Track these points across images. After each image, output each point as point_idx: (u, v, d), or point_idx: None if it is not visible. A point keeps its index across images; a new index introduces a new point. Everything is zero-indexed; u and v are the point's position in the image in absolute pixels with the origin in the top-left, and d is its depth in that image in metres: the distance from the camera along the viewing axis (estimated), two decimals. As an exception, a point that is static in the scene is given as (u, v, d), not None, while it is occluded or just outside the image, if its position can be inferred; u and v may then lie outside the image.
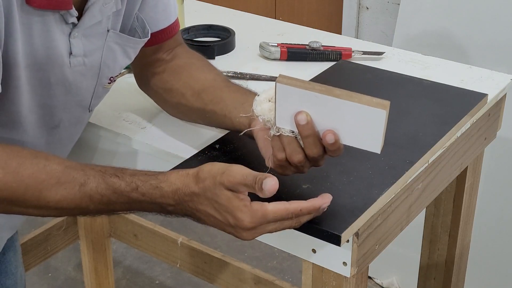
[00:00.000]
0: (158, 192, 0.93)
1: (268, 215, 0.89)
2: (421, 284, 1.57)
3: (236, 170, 0.90)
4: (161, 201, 0.93)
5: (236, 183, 0.89)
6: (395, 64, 1.43)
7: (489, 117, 1.34)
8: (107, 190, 0.93)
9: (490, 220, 2.04)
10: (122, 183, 0.93)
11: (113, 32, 1.07)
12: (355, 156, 1.10)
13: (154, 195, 0.93)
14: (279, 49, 1.44)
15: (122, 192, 0.93)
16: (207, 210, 0.92)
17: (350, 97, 0.88)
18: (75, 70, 1.03)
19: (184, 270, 2.07)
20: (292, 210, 0.91)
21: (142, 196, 0.93)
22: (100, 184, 0.93)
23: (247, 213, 0.89)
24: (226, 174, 0.89)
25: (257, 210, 0.89)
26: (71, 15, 0.98)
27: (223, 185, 0.89)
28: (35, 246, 2.01)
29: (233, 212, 0.89)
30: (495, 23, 1.96)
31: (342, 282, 1.03)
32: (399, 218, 1.11)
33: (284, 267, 2.50)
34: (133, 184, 0.93)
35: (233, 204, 0.90)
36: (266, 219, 0.89)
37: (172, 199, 0.93)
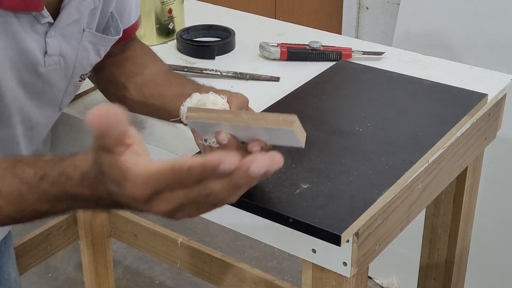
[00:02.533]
0: (64, 179, 0.75)
1: (152, 178, 0.68)
2: (421, 284, 1.57)
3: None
4: (72, 192, 0.75)
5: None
6: (395, 64, 1.43)
7: (489, 117, 1.34)
8: (14, 180, 0.78)
9: (490, 220, 2.04)
10: (30, 171, 0.77)
11: (89, 32, 1.08)
12: (355, 156, 1.10)
13: (61, 184, 0.76)
14: (279, 49, 1.44)
15: (30, 183, 0.77)
16: (106, 194, 0.73)
17: (257, 121, 0.88)
18: (50, 70, 1.03)
19: (184, 270, 2.07)
20: (180, 168, 0.67)
21: (51, 187, 0.76)
22: (7, 175, 0.78)
23: (132, 185, 0.69)
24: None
25: (137, 176, 0.68)
26: (43, 16, 0.98)
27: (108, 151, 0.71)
28: (35, 246, 2.01)
29: (123, 190, 0.70)
30: (495, 23, 1.96)
31: (342, 282, 1.03)
32: (399, 218, 1.11)
33: (284, 267, 2.49)
34: (40, 172, 0.77)
35: (115, 172, 0.70)
36: (156, 184, 0.68)
37: (81, 186, 0.75)
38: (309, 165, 1.08)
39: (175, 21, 1.55)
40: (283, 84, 1.36)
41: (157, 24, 1.53)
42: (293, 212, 0.97)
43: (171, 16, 1.54)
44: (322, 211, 0.98)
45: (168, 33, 1.55)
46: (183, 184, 0.68)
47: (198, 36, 1.55)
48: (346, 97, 1.31)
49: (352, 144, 1.13)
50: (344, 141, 1.14)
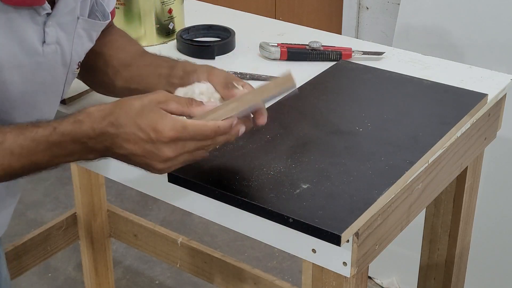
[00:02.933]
0: (78, 126, 0.90)
1: (188, 127, 0.90)
2: (421, 284, 1.57)
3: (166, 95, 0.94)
4: (80, 136, 0.90)
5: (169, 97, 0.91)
6: (395, 64, 1.43)
7: (489, 117, 1.34)
8: (25, 140, 0.90)
9: (490, 220, 2.04)
10: (39, 129, 0.91)
11: (82, 19, 1.09)
12: (355, 156, 1.10)
13: (72, 131, 0.90)
14: (279, 49, 1.44)
15: (40, 138, 0.90)
16: (127, 129, 0.90)
17: (261, 95, 0.98)
18: (49, 58, 1.05)
19: (184, 270, 2.07)
20: (211, 126, 0.91)
21: (61, 137, 0.90)
22: (18, 136, 0.90)
23: (169, 122, 0.89)
24: (156, 94, 0.92)
25: (177, 120, 0.90)
26: (44, 8, 1.00)
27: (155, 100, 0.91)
28: (35, 246, 2.02)
29: (155, 123, 0.89)
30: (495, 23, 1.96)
31: (342, 282, 1.03)
32: (399, 218, 1.11)
33: (284, 267, 2.50)
34: (50, 127, 0.90)
35: (155, 114, 0.89)
36: (186, 131, 0.90)
37: (92, 130, 0.90)
38: (309, 165, 1.08)
39: (175, 21, 1.55)
40: (283, 84, 1.35)
41: (157, 24, 1.53)
42: (293, 212, 0.97)
43: (171, 16, 1.54)
44: (322, 211, 0.98)
45: (168, 33, 1.55)
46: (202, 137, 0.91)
47: (198, 36, 1.55)
48: (346, 97, 1.31)
49: (352, 144, 1.13)
50: (344, 141, 1.14)
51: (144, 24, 1.51)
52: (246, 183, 1.03)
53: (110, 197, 2.82)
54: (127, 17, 1.50)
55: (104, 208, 2.12)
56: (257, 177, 1.05)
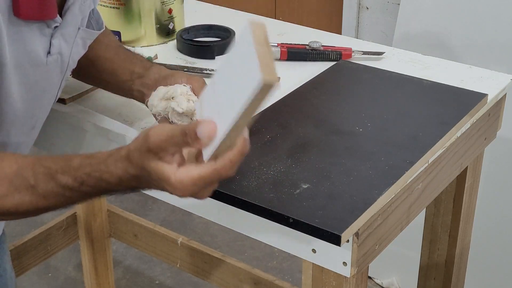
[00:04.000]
0: (104, 184, 0.90)
1: (197, 181, 0.84)
2: (421, 284, 1.57)
3: (158, 129, 0.85)
4: (111, 189, 0.91)
5: (163, 141, 0.83)
6: (395, 64, 1.43)
7: (489, 117, 1.34)
8: (58, 187, 0.91)
9: (490, 220, 2.04)
10: (69, 179, 0.91)
11: (82, 29, 1.10)
12: (355, 156, 1.10)
13: (101, 187, 0.90)
14: (279, 49, 1.44)
15: (72, 188, 0.91)
16: (150, 186, 0.89)
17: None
18: (50, 68, 1.06)
19: (184, 270, 2.07)
20: (220, 167, 0.83)
21: (92, 189, 0.91)
22: (49, 183, 0.91)
23: (176, 186, 0.84)
24: (149, 136, 0.84)
25: (182, 180, 0.84)
26: (56, 21, 1.01)
27: (151, 152, 0.84)
28: (35, 246, 2.02)
29: (165, 186, 0.86)
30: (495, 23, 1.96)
31: (342, 282, 1.03)
32: (399, 218, 1.11)
33: (284, 267, 2.50)
34: (79, 179, 0.90)
35: (161, 176, 0.85)
36: (198, 186, 0.84)
37: (120, 186, 0.90)
38: (309, 165, 1.08)
39: (175, 21, 1.55)
40: (283, 84, 1.35)
41: (157, 24, 1.53)
42: (293, 212, 0.97)
43: (171, 16, 1.54)
44: (322, 211, 0.98)
45: (168, 33, 1.55)
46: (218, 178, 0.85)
47: (198, 36, 1.55)
48: (346, 97, 1.31)
49: (352, 144, 1.13)
50: (344, 141, 1.14)
51: (144, 24, 1.51)
52: (246, 183, 1.03)
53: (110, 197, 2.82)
54: (127, 17, 1.50)
55: (104, 208, 2.12)
56: (257, 177, 1.05)
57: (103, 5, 1.48)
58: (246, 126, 0.83)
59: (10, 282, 1.31)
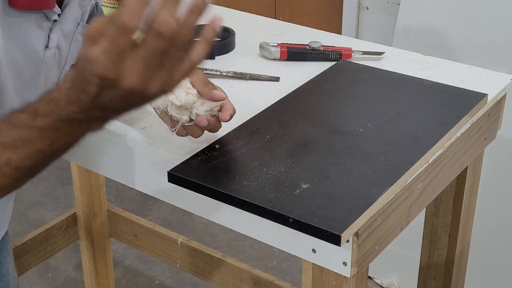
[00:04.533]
0: (54, 105, 0.81)
1: (100, 25, 0.75)
2: (421, 284, 1.57)
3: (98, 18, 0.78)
4: (65, 114, 0.81)
5: (99, 22, 0.75)
6: (395, 64, 1.43)
7: (489, 117, 1.34)
8: (14, 130, 0.83)
9: (490, 220, 2.04)
10: (24, 115, 0.83)
11: (82, 25, 1.10)
12: (355, 156, 1.10)
13: (54, 111, 0.81)
14: (279, 49, 1.44)
15: (27, 125, 0.83)
16: (90, 82, 0.77)
17: None
18: (47, 62, 1.05)
19: (184, 270, 2.07)
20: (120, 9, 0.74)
21: (45, 118, 0.82)
22: (5, 128, 0.84)
23: (95, 59, 0.74)
24: (89, 25, 0.77)
25: (97, 51, 0.75)
26: (54, 12, 1.01)
27: (88, 40, 0.75)
28: (35, 246, 2.02)
29: (85, 64, 0.76)
30: (495, 23, 1.96)
31: (342, 282, 1.03)
32: (399, 218, 1.11)
33: (284, 267, 2.50)
34: (32, 110, 0.82)
35: (85, 57, 0.76)
36: (106, 34, 0.74)
37: (70, 103, 0.80)
38: (309, 165, 1.08)
39: (175, 21, 1.55)
40: (283, 84, 1.35)
41: (157, 24, 1.52)
42: (293, 212, 0.97)
43: (171, 16, 1.54)
44: (322, 211, 0.98)
45: (168, 33, 1.55)
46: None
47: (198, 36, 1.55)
48: (346, 97, 1.31)
49: (352, 144, 1.13)
50: (344, 141, 1.14)
51: (144, 24, 1.51)
52: (246, 183, 1.03)
53: (110, 197, 2.82)
54: (127, 17, 1.50)
55: (104, 208, 2.12)
56: (257, 177, 1.05)
57: (103, 5, 1.48)
58: None
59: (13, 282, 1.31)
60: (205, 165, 1.08)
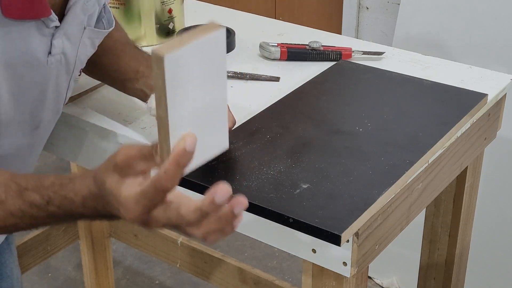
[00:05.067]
0: (68, 203, 0.83)
1: (139, 198, 0.75)
2: (421, 284, 1.57)
3: (129, 146, 0.78)
4: (76, 211, 0.84)
5: (130, 156, 0.76)
6: (395, 64, 1.43)
7: (489, 117, 1.34)
8: (25, 205, 0.86)
9: (490, 220, 2.04)
10: (37, 197, 0.86)
11: (89, 29, 1.09)
12: (355, 156, 1.10)
13: (66, 208, 0.84)
14: (279, 49, 1.44)
15: (39, 207, 0.86)
16: (107, 209, 0.80)
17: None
18: (52, 68, 1.04)
19: (184, 270, 2.07)
20: (155, 179, 0.74)
21: (58, 209, 0.85)
22: (17, 200, 0.86)
23: (125, 204, 0.76)
24: (118, 152, 0.77)
25: (128, 196, 0.76)
26: (52, 20, 0.99)
27: (116, 168, 0.77)
28: (35, 246, 2.01)
29: (117, 207, 0.77)
30: (495, 23, 1.96)
31: (342, 282, 1.03)
32: (399, 218, 1.11)
33: (284, 267, 2.50)
34: (46, 197, 0.85)
35: (115, 192, 0.77)
36: (141, 204, 0.75)
37: (84, 208, 0.83)
38: (309, 165, 1.08)
39: (175, 21, 1.55)
40: (283, 84, 1.36)
41: (157, 24, 1.53)
42: (293, 212, 0.98)
43: (171, 16, 1.54)
44: (322, 211, 0.98)
45: (168, 33, 1.55)
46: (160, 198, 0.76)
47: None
48: (346, 97, 1.31)
49: (352, 144, 1.13)
50: (344, 141, 1.14)
51: (144, 24, 1.51)
52: (246, 183, 1.03)
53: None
54: (127, 17, 1.50)
55: (104, 208, 2.12)
56: (257, 177, 1.05)
57: (103, 5, 1.48)
58: (179, 130, 0.76)
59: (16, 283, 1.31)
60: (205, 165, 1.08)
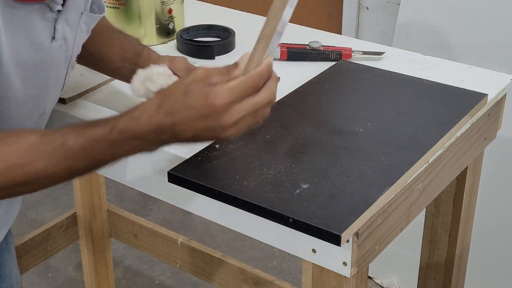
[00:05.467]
0: (135, 123, 0.91)
1: (233, 87, 0.90)
2: (421, 284, 1.57)
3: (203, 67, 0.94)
4: (140, 132, 0.91)
5: (207, 69, 0.92)
6: (395, 64, 1.43)
7: (489, 117, 1.34)
8: (87, 140, 0.91)
9: (490, 220, 2.04)
10: (98, 129, 0.92)
11: (86, 14, 1.11)
12: (355, 156, 1.10)
13: (131, 128, 0.91)
14: (279, 49, 1.44)
15: (100, 137, 0.91)
16: (182, 115, 0.90)
17: (274, 19, 1.06)
18: (55, 54, 1.05)
19: (184, 270, 2.07)
20: (254, 75, 0.93)
21: (121, 135, 0.91)
22: (78, 137, 0.91)
23: (216, 93, 0.89)
24: (196, 70, 0.94)
25: (222, 87, 0.90)
26: (56, 3, 1.01)
27: (196, 78, 0.91)
28: (35, 246, 2.01)
29: (204, 99, 0.89)
30: (495, 23, 1.96)
31: (342, 282, 1.03)
32: (399, 218, 1.11)
33: (284, 267, 2.50)
34: (108, 126, 0.91)
35: (201, 91, 0.90)
36: (235, 92, 0.90)
37: (149, 124, 0.91)
38: (309, 165, 1.08)
39: (175, 21, 1.55)
40: (283, 84, 1.35)
41: (157, 24, 1.53)
42: (293, 212, 0.98)
43: (171, 16, 1.54)
44: (322, 211, 0.98)
45: (168, 33, 1.55)
46: (250, 89, 0.91)
47: (198, 36, 1.55)
48: (346, 97, 1.31)
49: (352, 144, 1.13)
50: (344, 141, 1.14)
51: (144, 24, 1.51)
52: (246, 183, 1.03)
53: (110, 197, 2.82)
54: (127, 17, 1.50)
55: (104, 208, 2.12)
56: (257, 177, 1.05)
57: (103, 5, 1.48)
58: (269, 46, 0.99)
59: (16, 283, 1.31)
60: (205, 165, 1.08)
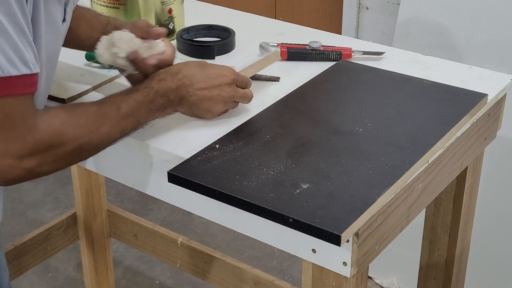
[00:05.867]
0: (163, 82, 1.14)
1: (239, 73, 1.22)
2: (421, 284, 1.57)
3: None
4: (166, 90, 1.14)
5: None
6: (395, 64, 1.43)
7: (489, 117, 1.34)
8: (135, 102, 1.10)
9: (490, 220, 2.04)
10: (141, 92, 1.12)
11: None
12: (355, 156, 1.10)
13: (160, 87, 1.13)
14: (279, 49, 1.44)
15: (143, 99, 1.11)
16: (199, 78, 1.16)
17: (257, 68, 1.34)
18: (63, 35, 1.13)
19: (184, 270, 2.07)
20: (247, 77, 1.24)
21: (154, 94, 1.12)
22: (128, 101, 1.09)
23: (229, 69, 1.19)
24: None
25: (232, 68, 1.21)
26: None
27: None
28: (35, 246, 2.02)
29: (220, 70, 1.18)
30: (495, 23, 1.96)
31: (342, 282, 1.03)
32: (399, 218, 1.11)
33: (284, 267, 2.50)
34: (146, 89, 1.12)
35: (217, 65, 1.19)
36: (240, 76, 1.21)
37: (172, 83, 1.14)
38: (309, 165, 1.08)
39: (175, 21, 1.55)
40: (283, 84, 1.36)
41: (157, 24, 1.52)
42: (293, 212, 0.98)
43: (171, 16, 1.54)
44: (322, 211, 0.98)
45: (168, 33, 1.55)
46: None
47: (198, 36, 1.55)
48: (346, 97, 1.31)
49: (352, 144, 1.13)
50: (344, 141, 1.14)
51: (144, 24, 1.51)
52: (246, 183, 1.03)
53: (110, 197, 2.82)
54: (127, 17, 1.50)
55: (104, 208, 2.12)
56: (257, 177, 1.05)
57: (103, 5, 1.48)
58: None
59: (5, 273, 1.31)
60: (205, 165, 1.08)
